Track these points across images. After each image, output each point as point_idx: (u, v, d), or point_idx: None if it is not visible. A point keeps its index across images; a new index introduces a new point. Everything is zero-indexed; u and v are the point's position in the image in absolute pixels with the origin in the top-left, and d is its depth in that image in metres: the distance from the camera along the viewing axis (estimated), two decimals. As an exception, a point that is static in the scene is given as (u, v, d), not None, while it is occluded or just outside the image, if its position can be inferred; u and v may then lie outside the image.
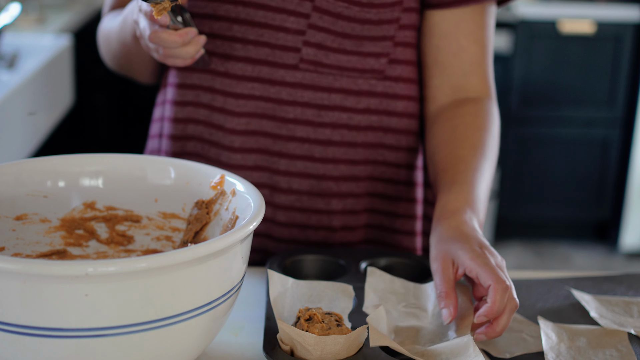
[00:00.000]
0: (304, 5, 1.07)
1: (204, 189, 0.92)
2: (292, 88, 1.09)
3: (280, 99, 1.09)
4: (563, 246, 3.64)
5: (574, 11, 3.37)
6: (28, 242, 0.92)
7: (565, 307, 1.00)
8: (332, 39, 1.08)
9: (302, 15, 1.07)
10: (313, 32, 1.07)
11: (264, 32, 1.08)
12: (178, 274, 0.71)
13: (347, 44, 1.08)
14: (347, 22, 1.07)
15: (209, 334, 0.79)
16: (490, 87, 1.14)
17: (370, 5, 1.07)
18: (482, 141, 1.07)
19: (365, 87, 1.11)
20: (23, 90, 2.15)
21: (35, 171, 0.92)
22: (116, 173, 0.94)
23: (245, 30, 1.08)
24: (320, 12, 1.07)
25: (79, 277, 0.67)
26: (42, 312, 0.68)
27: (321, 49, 1.08)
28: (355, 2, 1.07)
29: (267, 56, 1.08)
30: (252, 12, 1.07)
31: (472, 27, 1.11)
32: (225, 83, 1.10)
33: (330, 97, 1.10)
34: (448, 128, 1.09)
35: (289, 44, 1.08)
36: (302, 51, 1.08)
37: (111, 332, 0.70)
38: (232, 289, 0.79)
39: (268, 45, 1.08)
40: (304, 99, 1.09)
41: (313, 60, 1.08)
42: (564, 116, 3.46)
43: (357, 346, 0.83)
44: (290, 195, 1.12)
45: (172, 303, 0.72)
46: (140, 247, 0.96)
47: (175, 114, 1.14)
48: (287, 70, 1.08)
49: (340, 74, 1.09)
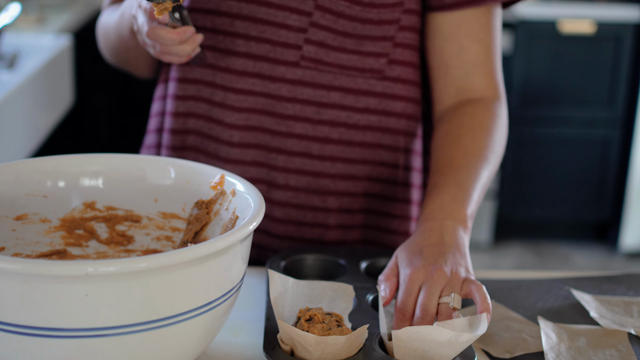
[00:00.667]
0: (306, 3, 1.07)
1: (204, 189, 0.92)
2: (292, 85, 1.09)
3: (280, 95, 1.09)
4: (563, 246, 3.64)
5: (574, 11, 3.37)
6: (28, 242, 0.92)
7: (565, 307, 1.00)
8: (333, 37, 1.08)
9: (304, 13, 1.07)
10: (314, 30, 1.08)
11: (265, 28, 1.08)
12: (178, 274, 0.71)
13: (348, 43, 1.09)
14: (348, 21, 1.08)
15: (209, 334, 0.79)
16: (498, 87, 1.14)
17: (372, 5, 1.07)
18: (476, 141, 1.07)
19: (365, 86, 1.11)
20: (23, 90, 2.15)
21: (35, 171, 0.92)
22: (116, 173, 0.94)
23: (248, 26, 1.08)
24: (323, 11, 1.07)
25: (79, 277, 0.67)
26: (42, 312, 0.68)
27: (322, 47, 1.08)
28: (356, 2, 1.07)
29: (269, 53, 1.09)
30: (255, 9, 1.08)
31: (474, 27, 1.11)
32: (226, 78, 1.10)
33: (329, 95, 1.10)
34: (444, 131, 1.10)
35: (291, 41, 1.08)
36: (303, 49, 1.08)
37: (111, 332, 0.70)
38: (232, 289, 0.79)
39: (269, 42, 1.08)
40: (304, 96, 1.10)
41: (314, 58, 1.09)
42: (564, 116, 3.46)
43: (358, 346, 0.83)
44: (287, 191, 1.12)
45: (172, 303, 0.72)
46: (140, 247, 0.96)
47: (176, 108, 1.14)
48: (288, 67, 1.09)
49: (340, 72, 1.10)
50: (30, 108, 2.25)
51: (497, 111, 1.11)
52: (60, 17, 2.95)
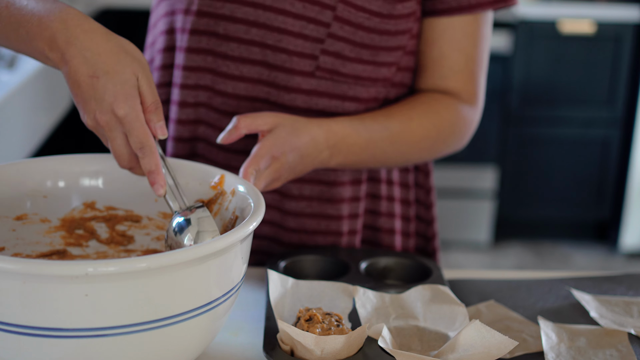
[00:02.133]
0: (325, 14, 1.05)
1: (204, 188, 0.92)
2: (308, 95, 1.08)
3: (295, 106, 1.08)
4: (563, 246, 3.64)
5: (574, 11, 3.37)
6: (28, 242, 0.92)
7: (565, 307, 0.99)
8: (351, 48, 1.07)
9: (323, 23, 1.06)
10: (332, 41, 1.06)
11: (282, 37, 1.06)
12: (178, 274, 0.71)
13: (364, 54, 1.08)
14: (366, 33, 1.07)
15: (209, 334, 0.79)
16: (475, 93, 1.14)
17: (390, 16, 1.07)
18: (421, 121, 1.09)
19: (374, 94, 1.11)
20: (23, 90, 2.15)
21: (36, 171, 0.92)
22: (116, 173, 0.94)
23: (264, 34, 1.06)
24: (342, 22, 1.06)
25: (78, 277, 0.67)
26: (42, 312, 0.68)
27: (339, 57, 1.07)
28: (376, 13, 1.06)
29: (284, 62, 1.07)
30: (272, 17, 1.05)
31: (458, 36, 1.11)
32: (240, 87, 1.08)
33: (344, 105, 1.09)
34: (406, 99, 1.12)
35: (307, 51, 1.06)
36: (320, 59, 1.07)
37: (111, 332, 0.70)
38: (232, 289, 0.79)
39: (286, 52, 1.06)
40: (319, 106, 1.09)
41: (330, 68, 1.07)
42: (564, 116, 3.46)
43: (358, 346, 0.83)
44: (301, 201, 1.11)
45: (172, 303, 0.72)
46: (140, 247, 0.96)
47: (186, 115, 1.11)
48: (304, 78, 1.07)
49: (355, 82, 1.09)
50: (30, 108, 2.25)
51: (464, 112, 1.12)
52: (60, 17, 2.94)
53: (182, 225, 0.86)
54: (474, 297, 1.01)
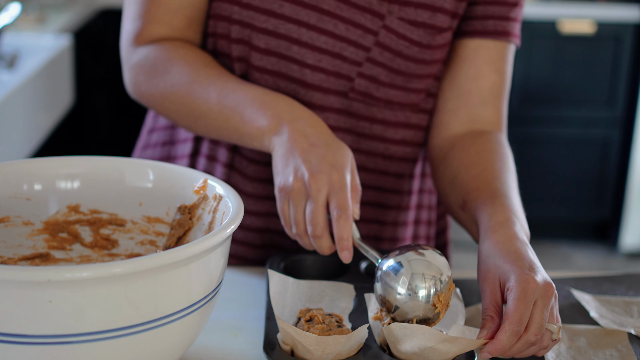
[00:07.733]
0: (366, 38, 1.05)
1: (187, 193, 0.91)
2: (338, 114, 1.09)
3: (328, 124, 1.07)
4: (563, 246, 3.64)
5: (574, 11, 3.37)
6: (10, 244, 0.90)
7: (565, 307, 1.00)
8: (386, 74, 1.07)
9: (363, 47, 1.06)
10: (370, 66, 1.06)
11: (322, 57, 1.06)
12: (156, 279, 0.70)
13: (398, 80, 1.08)
14: (404, 60, 1.07)
15: (190, 337, 0.78)
16: (504, 122, 1.13)
17: (429, 46, 1.07)
18: (508, 166, 1.05)
19: (402, 119, 1.11)
20: (23, 90, 2.16)
21: (10, 174, 0.90)
22: (92, 175, 0.92)
23: (305, 53, 1.06)
24: (382, 48, 1.06)
25: (42, 283, 0.65)
26: (9, 318, 0.67)
27: (373, 82, 1.07)
28: (416, 42, 1.06)
29: (322, 82, 1.07)
30: (315, 36, 1.05)
31: (493, 55, 1.10)
32: None
33: (371, 127, 1.10)
34: (472, 151, 1.07)
35: (344, 72, 1.07)
36: (355, 81, 1.07)
37: (98, 337, 0.68)
38: (213, 291, 0.78)
39: (324, 72, 1.06)
40: (347, 125, 1.09)
41: (364, 91, 1.08)
42: (564, 116, 3.47)
43: (358, 346, 0.83)
44: None
45: (153, 307, 0.71)
46: (124, 251, 0.94)
47: None
48: (337, 97, 1.08)
49: (385, 106, 1.10)
50: (30, 108, 2.25)
51: (507, 144, 1.11)
52: (60, 17, 2.95)
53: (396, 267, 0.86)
54: (474, 297, 1.01)
